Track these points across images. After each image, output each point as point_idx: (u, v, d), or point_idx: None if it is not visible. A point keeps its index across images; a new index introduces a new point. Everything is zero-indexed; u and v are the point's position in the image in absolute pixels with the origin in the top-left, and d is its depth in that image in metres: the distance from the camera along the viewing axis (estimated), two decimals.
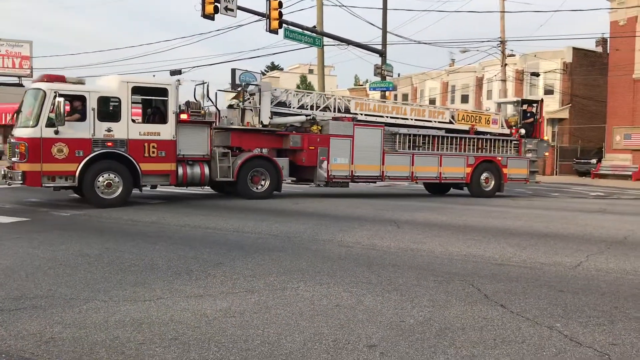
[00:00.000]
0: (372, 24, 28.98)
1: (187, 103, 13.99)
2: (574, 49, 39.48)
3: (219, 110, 15.27)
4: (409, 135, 16.88)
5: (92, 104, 12.30)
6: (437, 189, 18.84)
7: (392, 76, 26.99)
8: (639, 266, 6.61)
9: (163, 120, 13.31)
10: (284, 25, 21.63)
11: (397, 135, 16.66)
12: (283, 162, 15.31)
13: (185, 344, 3.79)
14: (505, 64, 34.78)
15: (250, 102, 15.27)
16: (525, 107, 19.55)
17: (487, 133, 18.52)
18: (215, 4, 19.63)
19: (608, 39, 35.29)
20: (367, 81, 67.40)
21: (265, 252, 7.12)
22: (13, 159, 12.13)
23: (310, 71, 76.62)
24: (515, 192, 20.19)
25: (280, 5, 21.10)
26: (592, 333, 4.10)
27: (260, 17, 21.67)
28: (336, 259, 6.69)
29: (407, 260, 6.76)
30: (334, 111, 16.38)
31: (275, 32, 21.20)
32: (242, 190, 14.60)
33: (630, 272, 6.31)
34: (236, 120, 15.26)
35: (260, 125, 15.16)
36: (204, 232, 8.90)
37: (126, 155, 12.64)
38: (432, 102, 49.65)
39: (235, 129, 14.97)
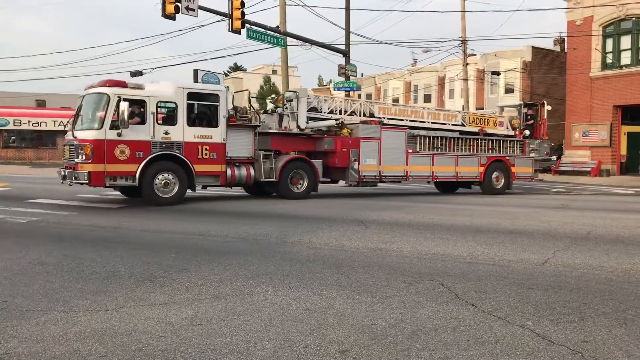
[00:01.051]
0: (335, 24, 29.04)
1: (235, 108, 15.07)
2: (533, 48, 40.30)
3: (259, 116, 16.04)
4: (429, 137, 17.95)
5: (151, 108, 13.25)
6: (447, 187, 19.86)
7: (355, 76, 27.04)
8: (604, 261, 6.69)
9: (215, 124, 14.19)
10: (246, 25, 21.43)
11: (418, 137, 17.71)
12: (317, 164, 16.20)
13: (150, 355, 3.62)
14: (467, 64, 35.25)
15: (287, 108, 16.18)
16: (526, 110, 20.79)
17: (495, 134, 19.65)
18: (176, 3, 19.31)
19: (565, 38, 36.09)
20: (330, 81, 67.54)
21: (232, 255, 6.96)
22: (76, 160, 12.79)
23: (274, 72, 76.35)
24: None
25: (243, 5, 20.89)
26: (564, 331, 4.08)
27: (223, 17, 21.41)
28: (305, 262, 6.58)
29: (376, 260, 6.69)
30: (360, 115, 17.39)
31: (237, 32, 20.98)
32: (283, 190, 15.48)
33: (596, 267, 6.37)
34: (274, 125, 16.04)
35: (298, 130, 16.00)
36: (169, 236, 8.68)
37: (182, 156, 13.54)
38: (395, 101, 49.97)
39: (275, 133, 15.80)
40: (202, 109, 14.32)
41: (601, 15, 30.74)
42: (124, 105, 12.46)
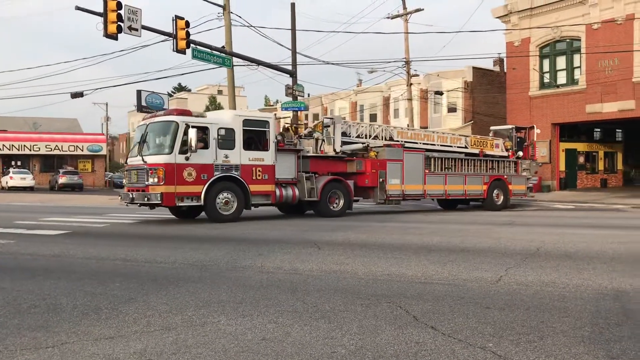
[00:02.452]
0: (281, 45, 29.03)
1: (282, 134, 16.56)
2: (474, 68, 41.51)
3: (300, 140, 17.37)
4: (441, 158, 19.80)
5: (213, 134, 14.64)
6: (449, 204, 21.45)
7: (303, 96, 27.06)
8: (555, 278, 6.78)
9: (266, 148, 15.54)
10: (191, 45, 21.14)
11: (432, 159, 19.50)
12: (350, 184, 17.53)
13: None
14: (411, 84, 35.90)
15: (324, 133, 17.64)
16: (517, 133, 23.07)
17: (493, 156, 21.68)
18: (119, 23, 18.86)
19: (505, 59, 37.33)
20: (277, 101, 67.57)
21: (181, 283, 6.68)
22: (147, 182, 14.06)
23: (220, 92, 75.90)
24: (426, 207, 20.66)
25: (187, 25, 20.63)
26: (525, 351, 4.05)
27: (167, 37, 21.07)
28: (258, 287, 6.38)
29: (331, 283, 6.56)
30: (382, 139, 18.91)
31: (182, 52, 20.67)
32: (323, 209, 16.81)
33: (548, 284, 6.44)
34: (312, 149, 17.34)
35: (334, 153, 17.46)
36: (113, 264, 8.29)
37: (239, 177, 14.94)
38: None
39: (314, 156, 17.18)
40: (255, 135, 15.59)
41: (538, 37, 31.98)
42: (192, 132, 13.90)
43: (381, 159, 18.13)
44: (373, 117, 48.34)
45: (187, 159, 14.06)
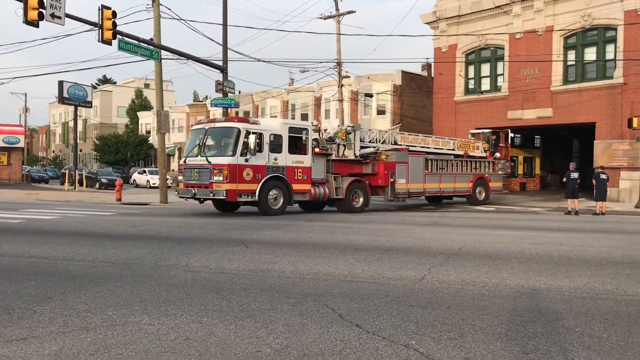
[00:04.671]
0: (212, 40, 28.65)
1: (316, 139, 18.70)
2: (403, 72, 42.38)
3: (329, 146, 19.34)
4: (436, 160, 22.19)
5: (266, 139, 16.82)
6: (435, 199, 24.68)
7: (233, 93, 26.74)
8: (476, 277, 7.02)
9: (305, 152, 17.86)
10: (118, 36, 20.45)
11: (430, 161, 21.88)
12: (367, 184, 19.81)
13: None
14: (342, 85, 36.23)
15: (346, 139, 19.82)
16: (494, 136, 25.85)
17: (475, 157, 24.27)
18: (40, 10, 17.96)
19: (432, 64, 38.35)
20: (206, 97, 66.46)
21: (102, 282, 6.45)
22: (212, 180, 16.09)
23: (147, 85, 73.90)
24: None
25: (114, 15, 19.92)
26: (446, 348, 4.17)
27: (93, 27, 20.27)
28: (182, 286, 6.25)
29: (258, 282, 6.52)
30: (390, 143, 21.16)
31: (108, 43, 19.94)
32: (347, 206, 18.96)
33: (469, 282, 6.66)
34: (334, 153, 19.62)
35: (354, 156, 19.78)
36: (28, 261, 7.90)
37: (285, 177, 17.13)
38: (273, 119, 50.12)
39: (337, 160, 19.52)
40: (297, 140, 17.82)
41: (464, 44, 33.05)
42: (252, 137, 16.06)
43: (391, 161, 20.39)
44: (304, 117, 48.43)
45: (246, 160, 16.18)
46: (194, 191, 16.59)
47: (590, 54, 28.27)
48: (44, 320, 4.81)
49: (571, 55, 28.92)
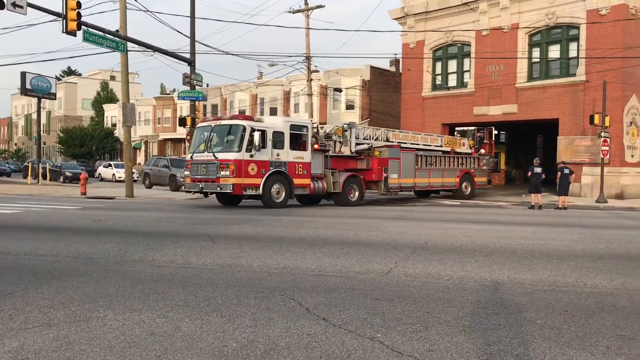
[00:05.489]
0: (180, 32, 28.22)
1: (315, 136, 19.32)
2: (372, 67, 42.56)
3: (326, 143, 20.21)
4: (425, 156, 23.28)
5: (269, 136, 17.59)
6: (423, 194, 25.80)
7: (201, 86, 26.48)
8: (441, 270, 7.12)
9: (305, 148, 18.68)
10: (83, 27, 20.02)
11: (420, 157, 22.97)
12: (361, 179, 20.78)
13: None
14: (311, 80, 36.21)
15: (342, 136, 20.45)
16: (479, 133, 26.90)
17: (461, 153, 25.43)
18: None
19: (400, 60, 38.60)
20: (174, 90, 65.66)
21: (65, 277, 6.34)
22: (219, 175, 16.88)
23: (112, 77, 72.64)
24: (323, 203, 20.98)
25: (79, 5, 19.48)
26: (411, 341, 4.22)
27: (57, 18, 19.81)
28: (148, 281, 6.19)
29: (225, 277, 6.49)
30: (382, 140, 22.14)
31: (73, 34, 19.51)
32: (344, 199, 19.89)
33: (434, 276, 6.75)
34: (331, 149, 20.31)
35: (350, 153, 20.51)
36: None
37: (286, 172, 17.93)
38: (241, 113, 49.91)
39: (333, 155, 20.30)
40: (298, 137, 18.61)
41: (432, 40, 33.34)
42: (257, 134, 16.82)
43: (384, 157, 21.31)
44: (273, 111, 48.26)
45: (251, 156, 16.95)
46: (201, 185, 17.41)
47: (554, 51, 28.83)
48: (4, 317, 4.70)
49: (536, 53, 29.44)
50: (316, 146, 19.21)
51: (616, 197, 25.05)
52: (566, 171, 20.63)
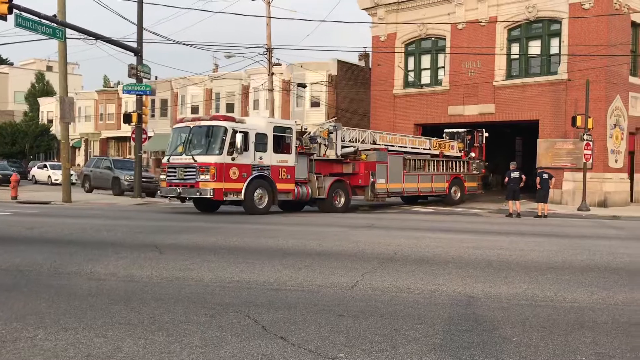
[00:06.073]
0: (125, 19, 27.81)
1: (299, 138, 19.74)
2: (339, 61, 42.74)
3: (311, 146, 20.54)
4: (414, 160, 23.86)
5: (252, 138, 17.98)
6: (411, 199, 26.45)
7: (149, 78, 26.21)
8: (411, 283, 7.18)
9: (289, 151, 19.04)
10: (15, 10, 19.57)
11: (408, 161, 23.51)
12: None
13: None
14: (272, 73, 36.15)
15: (327, 139, 20.73)
16: (468, 136, 27.64)
17: (450, 156, 26.07)
18: None
19: (370, 54, 38.88)
20: (119, 83, 64.77)
21: None
22: (198, 179, 17.20)
23: (49, 68, 71.25)
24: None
25: None
26: None
27: None
28: (86, 296, 6.07)
29: (172, 292, 6.42)
30: (369, 143, 22.57)
31: (3, 18, 19.06)
32: (329, 206, 20.19)
33: (403, 289, 6.81)
34: (316, 153, 20.54)
35: (336, 156, 20.77)
36: None
37: (270, 177, 18.33)
38: (194, 109, 49.54)
39: (318, 159, 20.52)
40: (282, 139, 19.02)
41: (404, 33, 33.69)
42: (240, 136, 17.22)
43: (371, 161, 21.73)
44: (230, 107, 47.99)
45: (233, 159, 17.31)
46: (178, 190, 17.68)
47: (535, 47, 29.42)
48: None
49: (515, 49, 29.98)
50: (300, 149, 19.60)
51: (599, 205, 25.67)
52: (545, 176, 21.06)
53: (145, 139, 27.15)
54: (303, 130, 21.09)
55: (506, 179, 21.37)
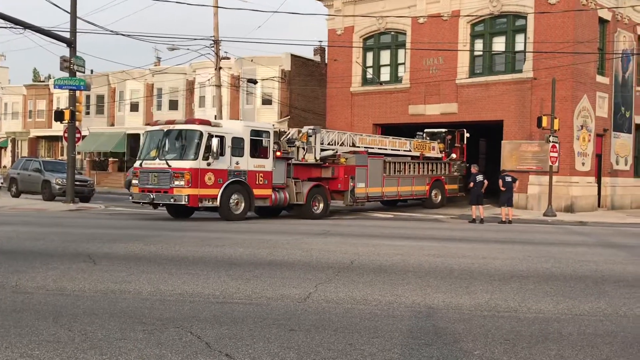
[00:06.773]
0: (57, 6, 27.25)
1: (277, 142, 20.33)
2: (293, 56, 42.73)
3: (289, 150, 21.11)
4: (394, 162, 24.64)
5: (228, 142, 18.51)
6: (391, 203, 27.16)
7: (84, 72, 25.73)
8: (368, 294, 7.23)
9: (266, 156, 19.57)
10: None
11: (388, 164, 24.27)
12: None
13: None
14: (220, 68, 35.91)
15: (307, 142, 21.34)
16: (449, 136, 28.74)
17: (431, 158, 27.04)
18: None
19: (326, 48, 39.01)
20: (49, 77, 63.42)
21: None
22: (172, 185, 17.69)
23: None
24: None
25: None
26: None
27: None
28: (10, 312, 5.93)
29: (107, 306, 6.31)
30: (348, 145, 23.16)
31: None
32: (307, 212, 20.74)
33: (360, 301, 6.85)
34: (294, 157, 21.15)
35: (315, 160, 21.47)
36: None
37: (246, 182, 18.89)
38: (134, 106, 48.93)
39: (297, 163, 21.15)
40: (259, 143, 19.56)
41: (362, 27, 33.90)
42: (216, 141, 17.67)
43: (350, 164, 22.41)
44: (173, 105, 47.50)
45: (208, 164, 17.80)
46: (152, 196, 18.14)
47: (499, 44, 29.96)
48: None
49: (479, 45, 30.48)
50: (278, 153, 20.07)
51: (565, 210, 26.31)
52: (508, 179, 21.45)
53: (79, 138, 26.68)
54: (280, 131, 21.70)
55: (471, 183, 21.66)
